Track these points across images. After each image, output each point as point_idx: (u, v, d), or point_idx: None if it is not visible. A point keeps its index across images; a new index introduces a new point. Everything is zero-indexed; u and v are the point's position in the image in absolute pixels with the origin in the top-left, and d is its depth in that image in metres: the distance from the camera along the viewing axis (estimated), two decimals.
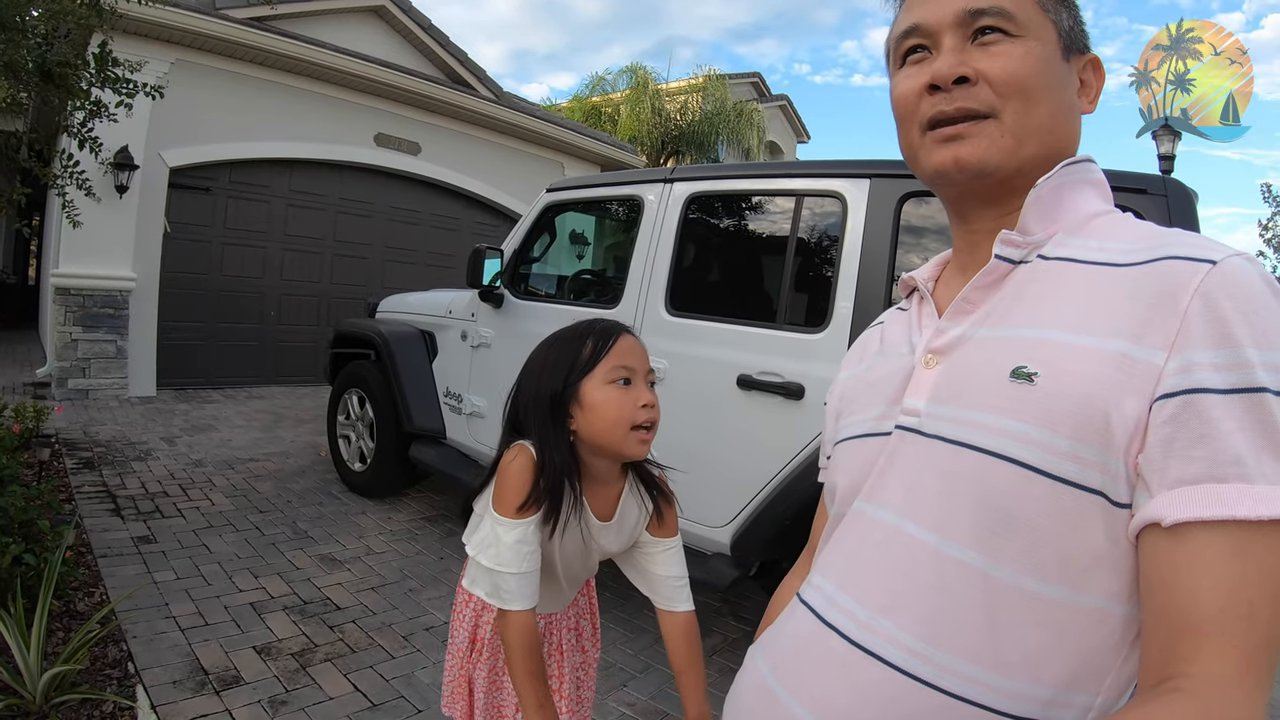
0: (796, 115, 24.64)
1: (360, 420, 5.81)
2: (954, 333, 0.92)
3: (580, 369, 1.51)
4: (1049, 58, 0.89)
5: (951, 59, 0.89)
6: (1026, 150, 0.89)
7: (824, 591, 0.94)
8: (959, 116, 0.89)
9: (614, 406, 1.49)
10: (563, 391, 1.51)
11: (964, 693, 0.78)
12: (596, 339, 1.53)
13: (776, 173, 3.81)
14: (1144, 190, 2.65)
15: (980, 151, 0.89)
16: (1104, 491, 0.74)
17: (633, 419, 1.49)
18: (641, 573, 1.75)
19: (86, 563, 3.96)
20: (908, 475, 0.89)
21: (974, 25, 0.90)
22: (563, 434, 1.53)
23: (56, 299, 8.19)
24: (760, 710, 0.95)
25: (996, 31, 0.89)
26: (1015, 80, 0.87)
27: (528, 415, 1.57)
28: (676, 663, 1.66)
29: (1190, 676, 0.65)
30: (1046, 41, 0.90)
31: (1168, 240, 0.80)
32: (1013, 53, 0.88)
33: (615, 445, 1.51)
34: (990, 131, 0.88)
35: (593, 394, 1.50)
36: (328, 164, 10.36)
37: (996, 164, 0.89)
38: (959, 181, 0.92)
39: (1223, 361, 0.69)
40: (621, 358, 1.52)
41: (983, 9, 0.89)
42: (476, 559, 1.54)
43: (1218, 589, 0.66)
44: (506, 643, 1.48)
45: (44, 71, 4.44)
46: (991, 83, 0.88)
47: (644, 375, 1.54)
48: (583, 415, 1.51)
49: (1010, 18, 0.88)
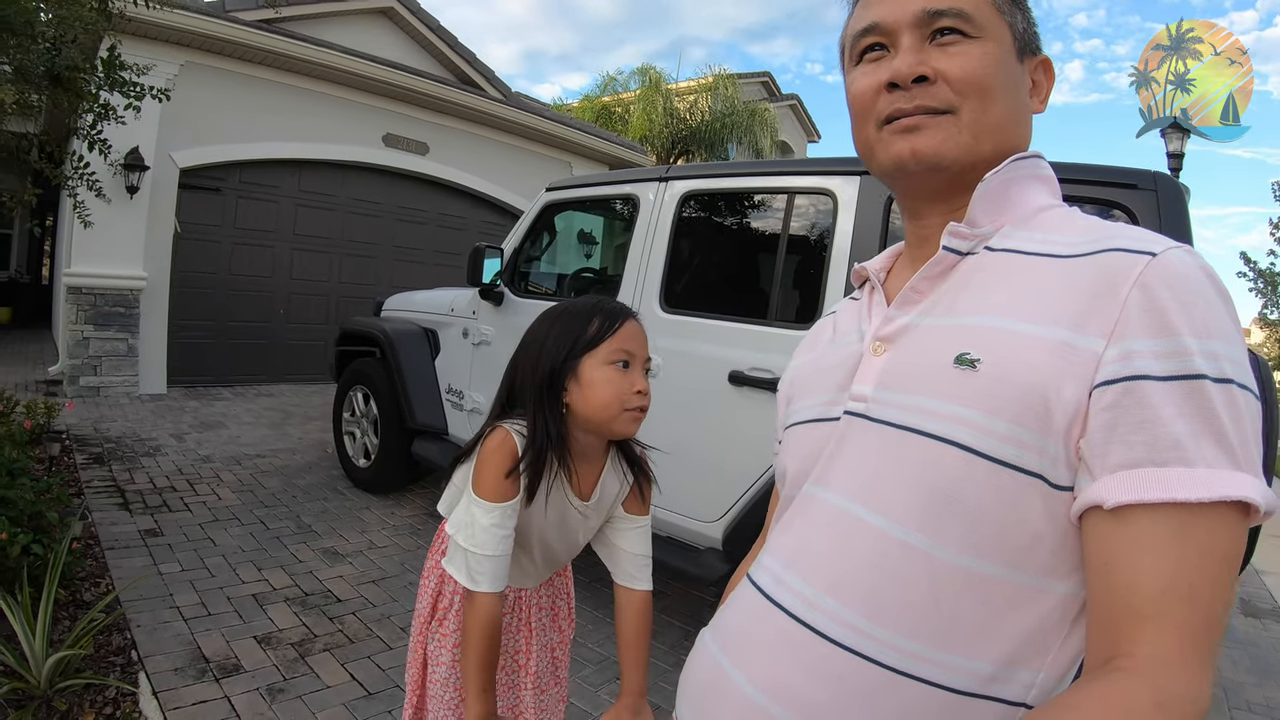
0: (807, 115, 24.53)
1: (365, 417, 5.87)
2: (901, 321, 0.94)
3: (583, 345, 1.54)
4: (1004, 59, 0.92)
5: (911, 58, 0.91)
6: (982, 147, 0.91)
7: (772, 571, 0.96)
8: (916, 113, 0.91)
9: (611, 387, 1.52)
10: (563, 365, 1.54)
11: (908, 668, 0.80)
12: (604, 319, 1.56)
13: (769, 170, 3.85)
14: (1134, 185, 2.66)
15: (936, 144, 0.91)
16: (1042, 474, 0.76)
17: (626, 403, 1.52)
18: (608, 546, 1.78)
19: (94, 554, 4.05)
20: (855, 459, 0.90)
21: (932, 26, 0.91)
22: (557, 406, 1.55)
23: (69, 298, 8.28)
24: (710, 688, 0.97)
25: (954, 33, 0.91)
26: (973, 80, 0.90)
27: (524, 387, 1.59)
28: (625, 637, 1.70)
29: (1134, 656, 0.67)
30: (1002, 43, 0.92)
31: (1111, 233, 0.83)
32: (971, 53, 0.90)
33: (606, 423, 1.54)
34: (948, 126, 0.90)
35: (591, 372, 1.52)
36: (337, 164, 10.43)
37: (952, 158, 0.91)
38: (915, 174, 0.94)
39: (1162, 349, 0.71)
40: (625, 341, 1.54)
41: (942, 10, 0.91)
42: (454, 538, 1.55)
43: (1159, 570, 0.68)
44: (467, 623, 1.51)
45: (53, 76, 4.52)
46: (950, 82, 0.90)
47: (642, 362, 1.57)
48: (579, 391, 1.54)
49: (968, 19, 0.90)
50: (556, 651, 1.95)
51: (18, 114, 4.52)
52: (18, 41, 4.22)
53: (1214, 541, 0.68)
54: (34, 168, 5.26)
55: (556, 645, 1.95)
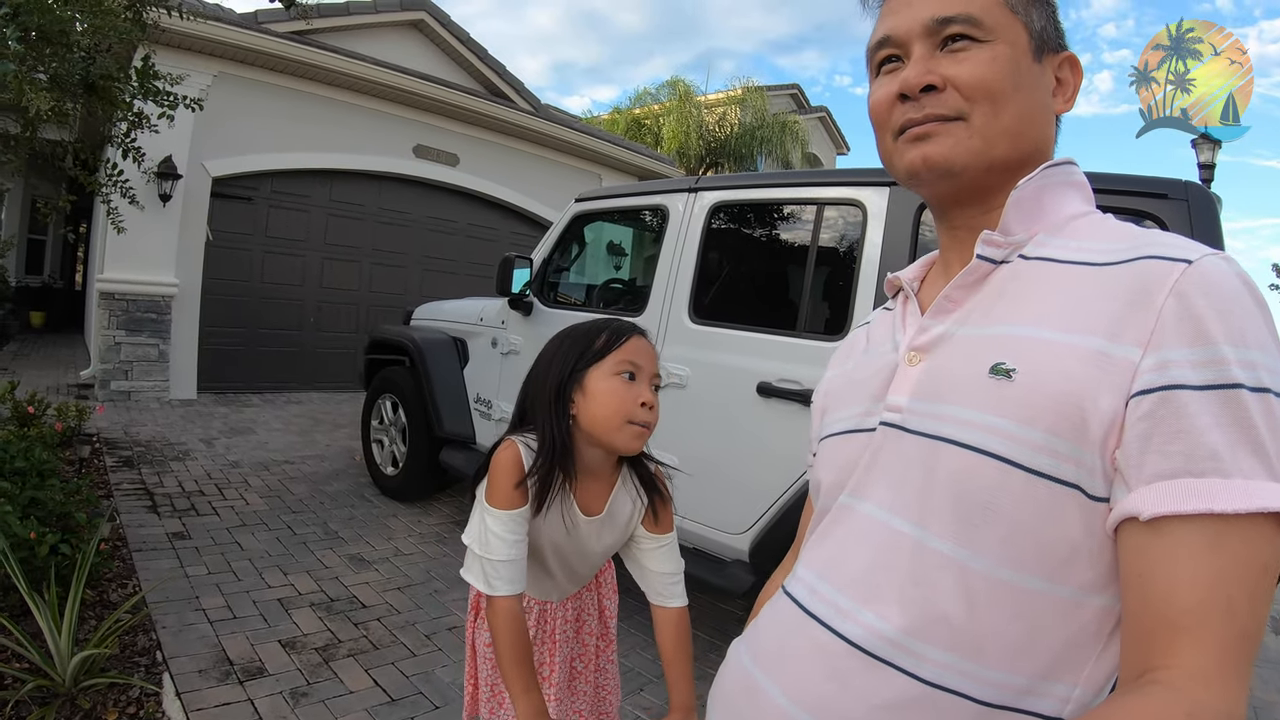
0: (836, 127, 24.56)
1: (393, 425, 5.89)
2: (936, 331, 0.93)
3: (590, 357, 1.54)
4: (1018, 60, 0.90)
5: (919, 68, 0.91)
6: (995, 152, 0.90)
7: (807, 582, 0.95)
8: (926, 121, 0.91)
9: (615, 397, 1.51)
10: (569, 376, 1.55)
11: (942, 681, 0.79)
12: (610, 334, 1.56)
13: (798, 181, 3.83)
14: (1165, 195, 2.62)
15: (946, 150, 0.90)
16: (1079, 485, 0.75)
17: (631, 415, 1.51)
18: (636, 566, 1.77)
19: (121, 556, 4.07)
20: (891, 470, 0.90)
21: (942, 33, 0.91)
22: (564, 418, 1.55)
23: (101, 303, 8.39)
24: (742, 699, 0.96)
25: (965, 39, 0.90)
26: (982, 85, 0.88)
27: (534, 401, 1.60)
28: (665, 654, 1.68)
29: (1170, 669, 0.66)
30: (1015, 44, 0.90)
31: (1146, 240, 0.81)
32: (980, 58, 0.89)
33: (609, 436, 1.53)
34: (957, 132, 0.90)
35: (597, 382, 1.52)
36: (367, 174, 10.53)
37: (963, 163, 0.90)
38: (928, 181, 0.94)
39: (1198, 358, 0.70)
40: (631, 353, 1.54)
41: (949, 17, 0.90)
42: (470, 546, 1.57)
43: (1195, 583, 0.66)
44: (492, 627, 1.51)
45: (88, 84, 4.57)
46: (959, 88, 0.89)
47: (649, 376, 1.56)
48: (584, 402, 1.53)
49: (977, 23, 0.89)
50: (575, 663, 1.93)
51: (53, 121, 4.58)
52: (53, 50, 4.27)
53: (1251, 553, 0.67)
54: (68, 175, 5.33)
55: (576, 657, 1.93)
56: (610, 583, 2.03)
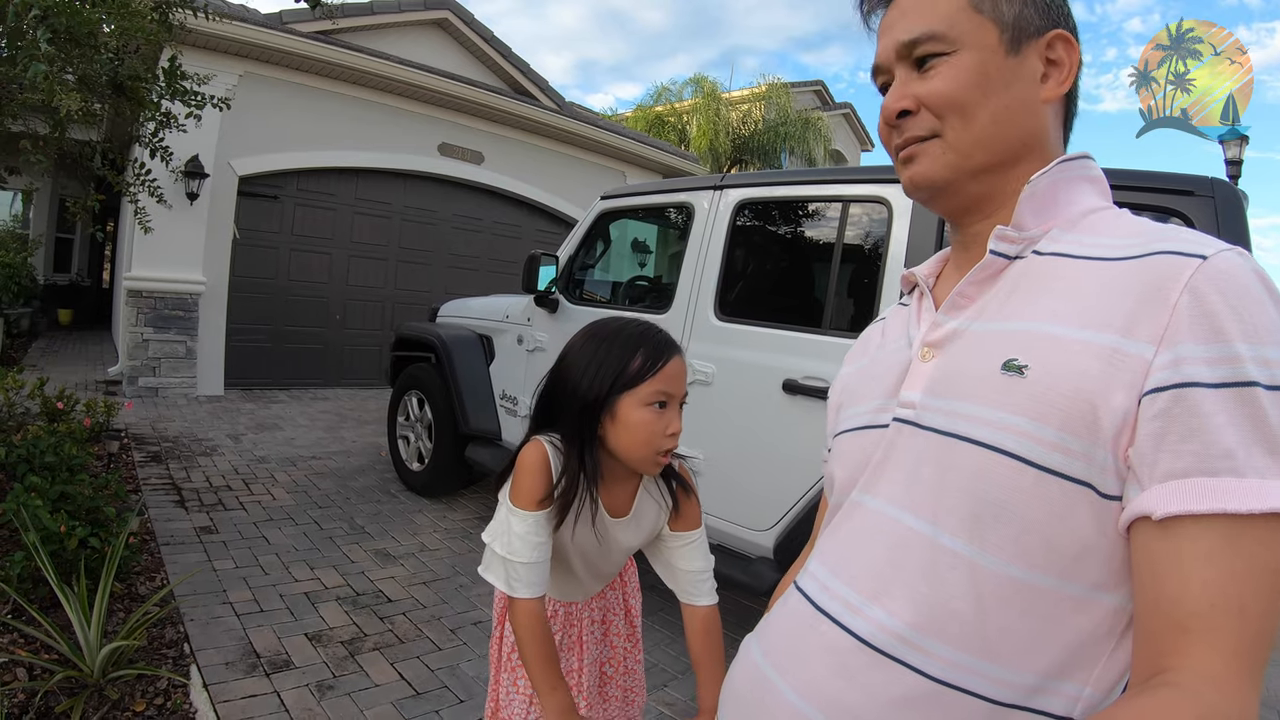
0: (860, 123, 24.46)
1: (419, 421, 5.91)
2: (949, 326, 0.93)
3: (624, 383, 1.48)
4: (985, 64, 0.90)
5: (894, 94, 0.94)
6: (973, 161, 0.91)
7: (818, 578, 0.95)
8: (908, 144, 0.94)
9: (645, 429, 1.47)
10: (603, 399, 1.49)
11: (952, 679, 0.79)
12: (647, 355, 1.49)
13: (824, 179, 3.81)
14: (1191, 192, 2.60)
15: (925, 169, 0.93)
16: (1091, 483, 0.74)
17: (659, 446, 1.48)
18: (664, 565, 1.73)
19: (150, 550, 4.12)
20: (903, 466, 0.90)
21: (912, 55, 0.93)
22: (592, 438, 1.52)
23: (129, 301, 8.48)
24: (753, 694, 0.97)
25: (934, 56, 0.91)
26: (946, 99, 0.90)
27: (561, 408, 1.56)
28: (694, 654, 1.66)
29: (1181, 671, 0.66)
30: (983, 46, 0.90)
31: (1161, 235, 0.81)
32: (945, 73, 0.90)
33: (634, 462, 1.51)
34: (933, 150, 0.92)
35: (629, 412, 1.48)
36: (392, 173, 10.58)
37: (944, 179, 0.93)
38: (922, 199, 0.98)
39: (1213, 355, 0.69)
40: (666, 382, 1.48)
41: (913, 39, 0.92)
42: (490, 546, 1.55)
43: (1208, 583, 0.66)
44: (516, 628, 1.50)
45: (116, 85, 4.63)
46: (929, 107, 0.91)
47: (679, 400, 1.52)
48: (613, 427, 1.49)
49: (940, 38, 0.90)
50: (605, 667, 1.91)
51: (81, 122, 4.63)
52: (81, 52, 4.32)
53: (1265, 554, 0.66)
54: (96, 174, 5.39)
55: (606, 661, 1.91)
56: (633, 581, 2.01)
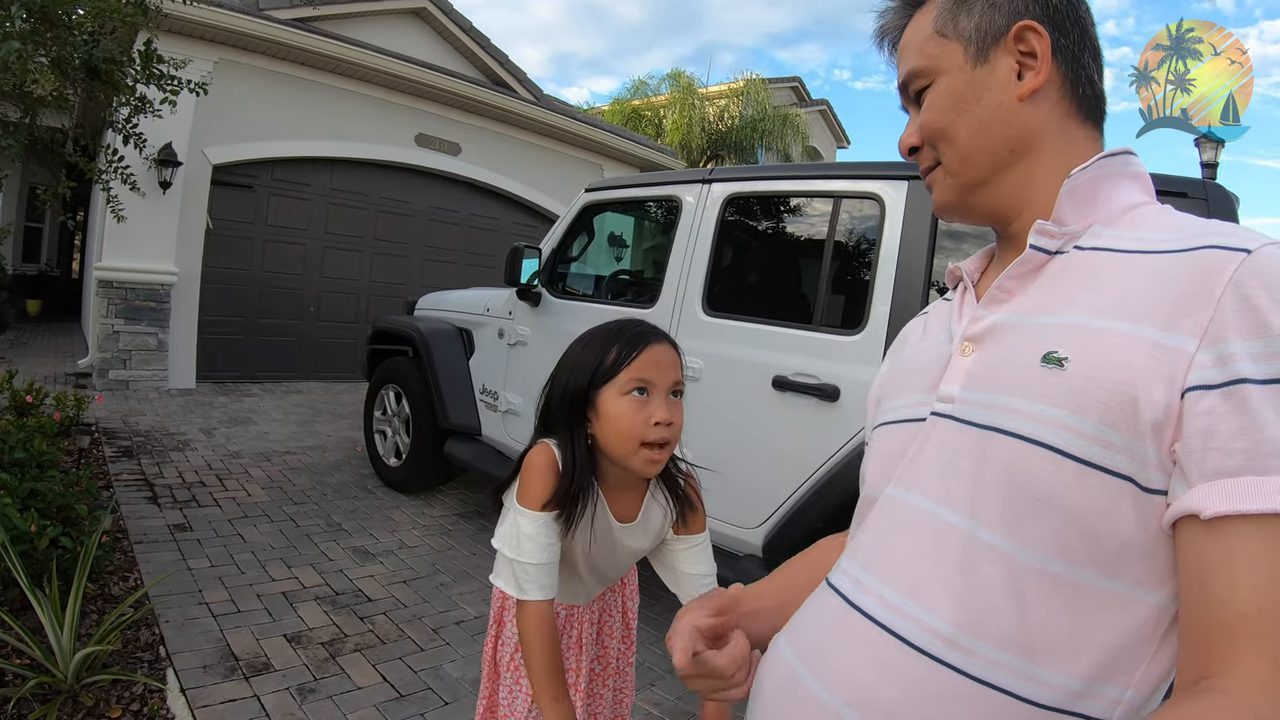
0: (836, 120, 24.57)
1: (396, 416, 5.84)
2: (989, 320, 0.91)
3: (602, 376, 1.48)
4: (954, 83, 0.94)
5: (905, 133, 1.02)
6: (969, 176, 0.96)
7: (851, 574, 0.93)
8: (925, 175, 1.02)
9: (626, 420, 1.45)
10: (585, 395, 1.50)
11: (991, 679, 0.77)
12: (622, 346, 1.49)
13: (815, 174, 3.78)
14: (1184, 194, 2.62)
15: (938, 196, 1.00)
16: (1133, 477, 0.72)
17: (643, 435, 1.45)
18: (668, 569, 1.72)
19: (123, 548, 4.02)
20: (941, 460, 0.88)
21: (910, 94, 1.00)
22: (582, 437, 1.52)
23: (99, 291, 8.33)
24: (784, 692, 0.94)
25: (924, 90, 0.97)
26: (930, 129, 0.96)
27: (554, 413, 1.56)
28: None
29: (1227, 676, 0.64)
30: (950, 69, 0.95)
31: (1205, 230, 0.79)
32: (928, 104, 0.97)
33: (625, 460, 1.48)
34: (939, 177, 0.99)
35: (608, 404, 1.47)
36: (369, 163, 10.46)
37: (954, 199, 0.99)
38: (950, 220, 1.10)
39: (1259, 351, 0.67)
40: (642, 370, 1.47)
41: (903, 82, 1.01)
42: (500, 550, 1.53)
43: (1257, 586, 0.64)
44: (523, 633, 1.48)
45: (90, 68, 4.51)
46: (925, 139, 0.98)
47: (665, 388, 1.49)
48: (599, 422, 1.49)
49: (921, 73, 0.97)
50: (595, 665, 1.90)
51: (53, 106, 4.52)
52: (56, 33, 4.21)
53: None
54: (67, 161, 5.26)
55: (597, 659, 1.91)
56: (633, 584, 2.01)
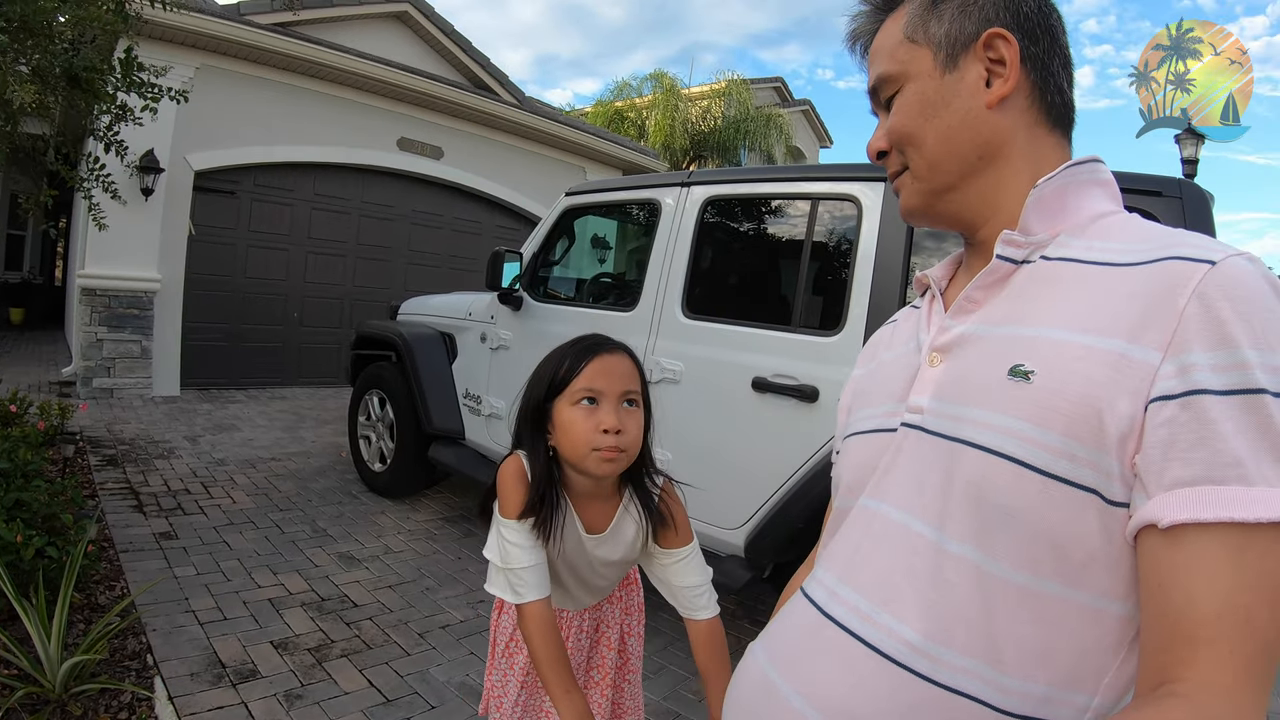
0: (819, 120, 24.62)
1: (380, 421, 5.84)
2: (957, 331, 0.93)
3: (555, 387, 1.54)
4: (924, 88, 0.95)
5: (873, 137, 1.02)
6: (935, 181, 0.97)
7: (825, 584, 0.95)
8: (893, 180, 1.03)
9: (576, 427, 1.49)
10: (543, 407, 1.55)
11: (961, 687, 0.79)
12: (574, 358, 1.54)
13: (793, 176, 3.80)
14: (1159, 193, 2.64)
15: (904, 201, 1.01)
16: (1098, 489, 0.74)
17: (592, 443, 1.48)
18: (660, 582, 1.74)
19: (109, 557, 4.02)
20: (911, 471, 0.89)
21: (880, 99, 1.01)
22: (542, 447, 1.56)
23: (82, 299, 8.29)
24: (758, 701, 0.95)
25: (893, 96, 0.98)
26: (898, 133, 0.97)
27: (520, 425, 1.61)
28: (701, 666, 1.65)
29: (1187, 681, 0.65)
30: (920, 73, 0.95)
31: (1171, 240, 0.80)
32: (896, 109, 0.97)
33: (580, 463, 1.52)
34: (906, 182, 1.00)
35: (561, 413, 1.52)
36: (351, 168, 10.44)
37: (919, 206, 1.00)
38: (916, 225, 1.06)
39: (1221, 363, 0.68)
40: (590, 379, 1.51)
41: (873, 87, 1.01)
42: (492, 561, 1.58)
43: (1214, 593, 0.65)
44: (525, 634, 1.52)
45: (71, 76, 4.50)
46: (893, 144, 0.99)
47: (615, 397, 1.52)
48: (556, 433, 1.54)
49: (890, 79, 0.97)
50: (594, 673, 1.93)
51: (35, 115, 4.51)
52: (35, 42, 4.21)
53: (1273, 564, 0.65)
54: (49, 169, 5.25)
55: (595, 667, 1.93)
56: (636, 607, 2.02)
